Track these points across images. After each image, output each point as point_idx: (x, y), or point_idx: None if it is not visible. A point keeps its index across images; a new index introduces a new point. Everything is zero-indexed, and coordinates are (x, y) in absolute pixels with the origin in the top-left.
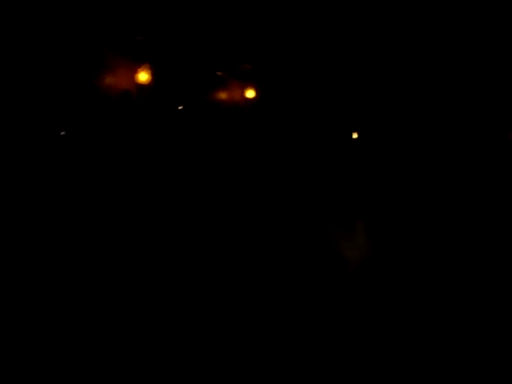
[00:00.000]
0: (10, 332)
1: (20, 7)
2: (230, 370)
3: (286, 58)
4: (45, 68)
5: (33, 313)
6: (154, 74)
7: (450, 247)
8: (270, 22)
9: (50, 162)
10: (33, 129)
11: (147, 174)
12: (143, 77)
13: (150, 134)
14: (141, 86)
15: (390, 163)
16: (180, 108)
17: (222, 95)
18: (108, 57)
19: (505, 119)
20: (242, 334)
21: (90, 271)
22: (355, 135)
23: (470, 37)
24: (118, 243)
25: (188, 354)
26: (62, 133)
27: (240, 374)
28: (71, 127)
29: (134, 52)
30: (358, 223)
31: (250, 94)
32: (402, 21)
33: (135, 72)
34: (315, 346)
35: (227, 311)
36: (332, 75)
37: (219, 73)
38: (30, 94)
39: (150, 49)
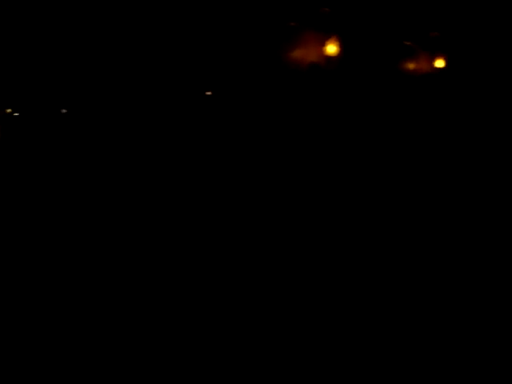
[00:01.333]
0: (10, 332)
1: None
2: (231, 370)
3: (478, 23)
4: (231, 43)
5: (33, 313)
6: (342, 46)
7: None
8: None
9: (221, 136)
10: (209, 104)
11: (323, 144)
12: (331, 49)
13: (335, 105)
14: (329, 59)
15: None
16: (366, 80)
17: (410, 65)
18: (296, 30)
19: None
20: (242, 334)
21: (91, 267)
22: None
23: None
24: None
25: (188, 354)
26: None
27: (240, 374)
28: (258, 101)
29: (322, 24)
30: None
31: (440, 63)
32: None
33: (323, 44)
34: (315, 346)
35: (227, 311)
36: None
37: (407, 42)
38: (211, 67)
39: (338, 21)
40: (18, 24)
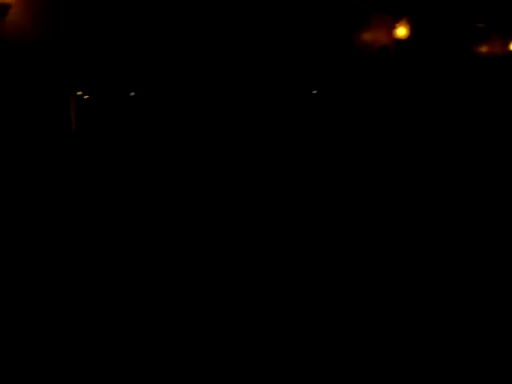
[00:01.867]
0: (10, 332)
1: None
2: (231, 370)
3: None
4: (301, 27)
5: (33, 313)
6: (412, 29)
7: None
8: None
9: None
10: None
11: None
12: (401, 32)
13: (405, 88)
14: (399, 41)
15: None
16: (437, 63)
17: (483, 49)
18: (366, 12)
19: None
20: (242, 334)
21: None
22: None
23: None
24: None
25: (188, 354)
26: (314, 91)
27: (240, 375)
28: (325, 85)
29: (392, 7)
30: None
31: None
32: None
33: (393, 27)
34: (316, 346)
35: (227, 311)
36: None
37: (480, 24)
38: (281, 51)
39: (408, 3)
40: (85, 11)
